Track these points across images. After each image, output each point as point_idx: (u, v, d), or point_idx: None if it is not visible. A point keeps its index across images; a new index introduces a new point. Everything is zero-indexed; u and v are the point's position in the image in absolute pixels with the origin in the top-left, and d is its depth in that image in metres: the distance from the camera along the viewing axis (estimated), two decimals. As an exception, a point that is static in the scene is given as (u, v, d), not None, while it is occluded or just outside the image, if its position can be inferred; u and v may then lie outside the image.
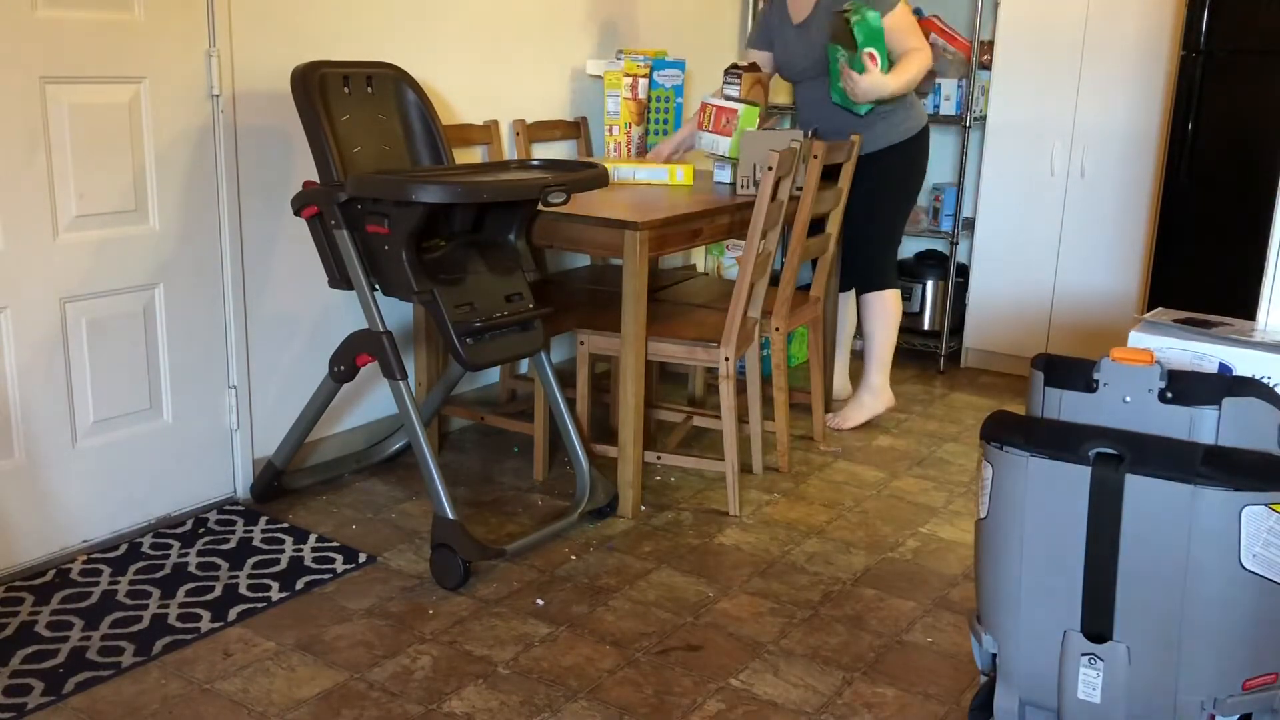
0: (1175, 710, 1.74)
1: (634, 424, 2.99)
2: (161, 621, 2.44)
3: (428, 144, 2.98)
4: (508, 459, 3.44)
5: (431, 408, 3.26)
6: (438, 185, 2.49)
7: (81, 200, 2.62)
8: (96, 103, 2.62)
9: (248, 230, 2.96)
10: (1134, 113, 4.05)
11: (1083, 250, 4.22)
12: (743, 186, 3.32)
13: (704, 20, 4.42)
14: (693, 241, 3.15)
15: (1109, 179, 4.14)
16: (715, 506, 3.14)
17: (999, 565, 1.86)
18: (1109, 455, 1.71)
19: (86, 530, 2.74)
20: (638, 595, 2.63)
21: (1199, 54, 3.69)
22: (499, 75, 3.64)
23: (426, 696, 2.21)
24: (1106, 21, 4.06)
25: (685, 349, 3.07)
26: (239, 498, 3.06)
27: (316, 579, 2.65)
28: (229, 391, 3.00)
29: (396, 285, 2.65)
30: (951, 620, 2.56)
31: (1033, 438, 1.79)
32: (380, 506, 3.07)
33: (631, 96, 3.77)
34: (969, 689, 2.27)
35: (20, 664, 2.26)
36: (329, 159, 2.70)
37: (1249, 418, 1.76)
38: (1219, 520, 1.66)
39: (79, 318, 2.66)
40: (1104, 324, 4.18)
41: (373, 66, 2.92)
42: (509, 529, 2.95)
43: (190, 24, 2.76)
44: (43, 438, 2.63)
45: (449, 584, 2.63)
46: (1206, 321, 2.16)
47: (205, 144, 2.84)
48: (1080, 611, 1.78)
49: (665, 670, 2.33)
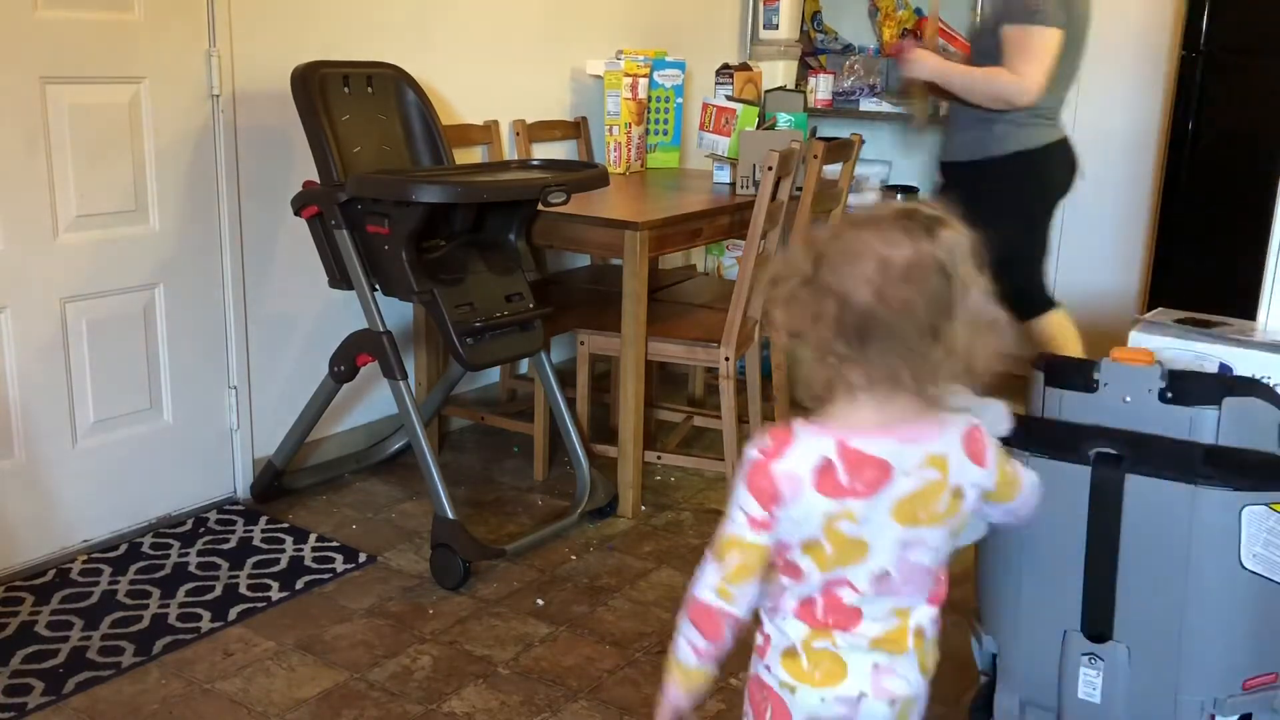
0: (1175, 710, 1.74)
1: (634, 424, 2.99)
2: (161, 621, 2.44)
3: (428, 144, 2.98)
4: (508, 459, 3.44)
5: (431, 408, 3.26)
6: (438, 185, 2.49)
7: (81, 200, 2.62)
8: (96, 103, 2.62)
9: (248, 230, 2.96)
10: (1134, 112, 4.04)
11: (1083, 250, 4.21)
12: (743, 186, 3.32)
13: (704, 20, 4.42)
14: (693, 241, 3.15)
15: (1109, 179, 4.13)
16: (715, 506, 3.13)
17: (999, 565, 1.86)
18: (1109, 455, 1.71)
19: (86, 530, 2.74)
20: (638, 595, 2.63)
21: (1199, 54, 3.69)
22: (499, 75, 3.64)
23: (426, 696, 2.21)
24: (1106, 21, 4.04)
25: (685, 349, 3.07)
26: (239, 498, 3.06)
27: (316, 579, 2.65)
28: (229, 391, 3.00)
29: (396, 285, 2.65)
30: (951, 620, 2.55)
31: (1033, 438, 1.79)
32: (380, 506, 3.06)
33: (631, 96, 3.77)
34: (969, 689, 2.27)
35: (20, 664, 2.26)
36: (329, 159, 2.70)
37: (1249, 418, 1.76)
38: (1219, 520, 1.66)
39: (79, 318, 2.66)
40: (1104, 324, 4.16)
41: (373, 66, 2.92)
42: (509, 529, 2.95)
43: (190, 24, 2.76)
44: (43, 438, 2.63)
45: (449, 584, 2.63)
46: (1206, 321, 2.16)
47: (205, 144, 2.84)
48: (1080, 611, 1.78)
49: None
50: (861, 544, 1.27)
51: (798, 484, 1.25)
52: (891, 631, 1.33)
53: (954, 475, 1.29)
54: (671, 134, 4.01)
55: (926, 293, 1.21)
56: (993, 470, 1.33)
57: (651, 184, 3.65)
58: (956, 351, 1.23)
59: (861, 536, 1.27)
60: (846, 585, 1.29)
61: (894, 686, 1.33)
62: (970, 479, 1.31)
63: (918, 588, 1.33)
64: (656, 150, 3.99)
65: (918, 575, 1.32)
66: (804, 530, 1.27)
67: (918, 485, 1.27)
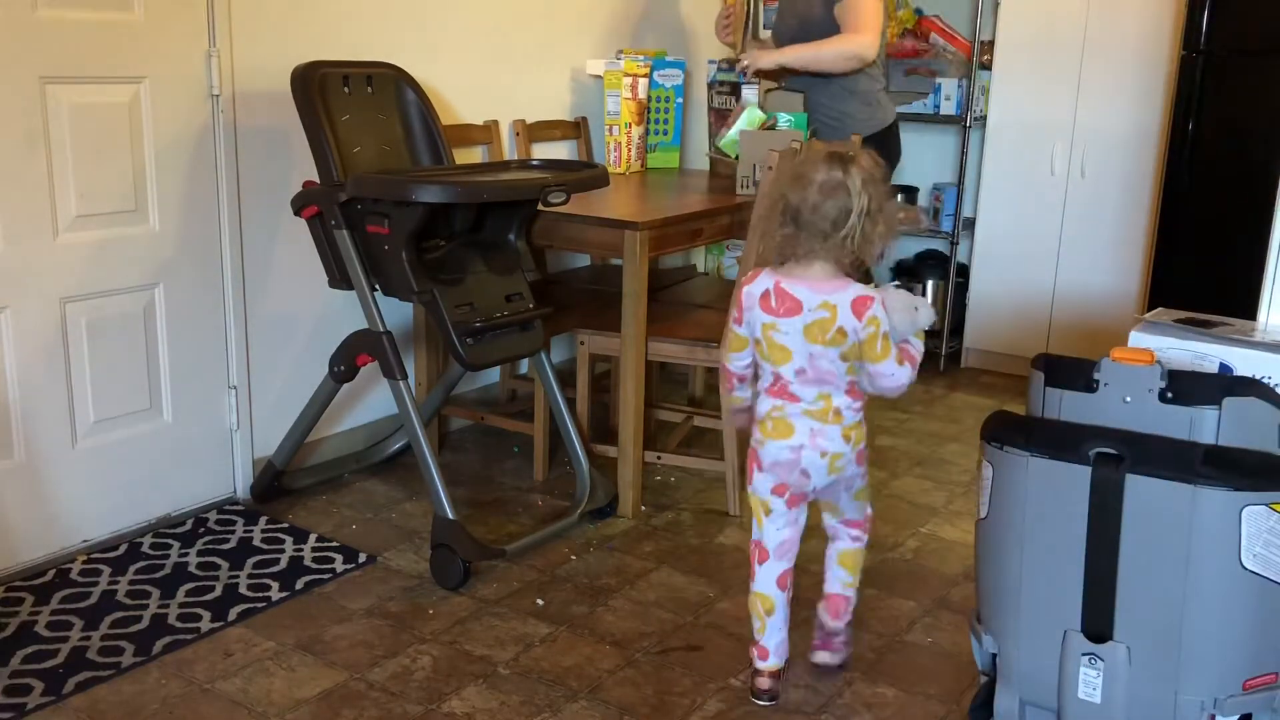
0: (1175, 710, 1.74)
1: (634, 424, 2.99)
2: (161, 621, 2.44)
3: (428, 144, 2.98)
4: (508, 459, 3.44)
5: (431, 408, 3.26)
6: (438, 185, 2.49)
7: (81, 200, 2.62)
8: (96, 103, 2.62)
9: (248, 230, 2.96)
10: (1134, 113, 4.04)
11: (1083, 250, 4.21)
12: (742, 186, 3.32)
13: (704, 20, 4.42)
14: (693, 241, 3.15)
15: (1109, 179, 4.14)
16: (715, 506, 3.14)
17: (999, 565, 1.86)
18: (1109, 455, 1.71)
19: (86, 530, 2.74)
20: (638, 595, 2.63)
21: (1199, 54, 3.69)
22: (499, 75, 3.64)
23: (426, 696, 2.21)
24: (1106, 21, 4.06)
25: (685, 349, 3.07)
26: (239, 498, 3.06)
27: (316, 579, 2.65)
28: (229, 391, 3.00)
29: (396, 285, 2.65)
30: (951, 620, 2.56)
31: (1033, 438, 1.79)
32: (380, 506, 3.06)
33: (631, 96, 3.77)
34: (969, 689, 2.27)
35: (20, 664, 2.26)
36: (329, 159, 2.70)
37: (1249, 418, 1.76)
38: (1219, 520, 1.66)
39: (79, 318, 2.66)
40: (1104, 324, 4.17)
41: (373, 66, 2.92)
42: (509, 529, 2.95)
43: (190, 24, 2.76)
44: (43, 438, 2.63)
45: (449, 584, 2.63)
46: (1206, 321, 2.16)
47: (205, 144, 2.84)
48: (1080, 611, 1.78)
49: (665, 670, 2.33)
50: (786, 349, 2.07)
51: (753, 300, 2.09)
52: (819, 409, 2.09)
53: (840, 318, 2.02)
54: (671, 134, 4.01)
55: (833, 201, 1.98)
56: (864, 326, 2.01)
57: (651, 184, 3.65)
58: (852, 239, 1.99)
59: (785, 344, 2.07)
60: (782, 377, 2.10)
61: (824, 444, 2.10)
62: (849, 325, 2.02)
63: (833, 384, 2.08)
64: (656, 150, 3.99)
65: (827, 375, 2.07)
66: (755, 331, 2.11)
67: (816, 318, 2.03)
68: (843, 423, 2.09)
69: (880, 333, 2.01)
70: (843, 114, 3.61)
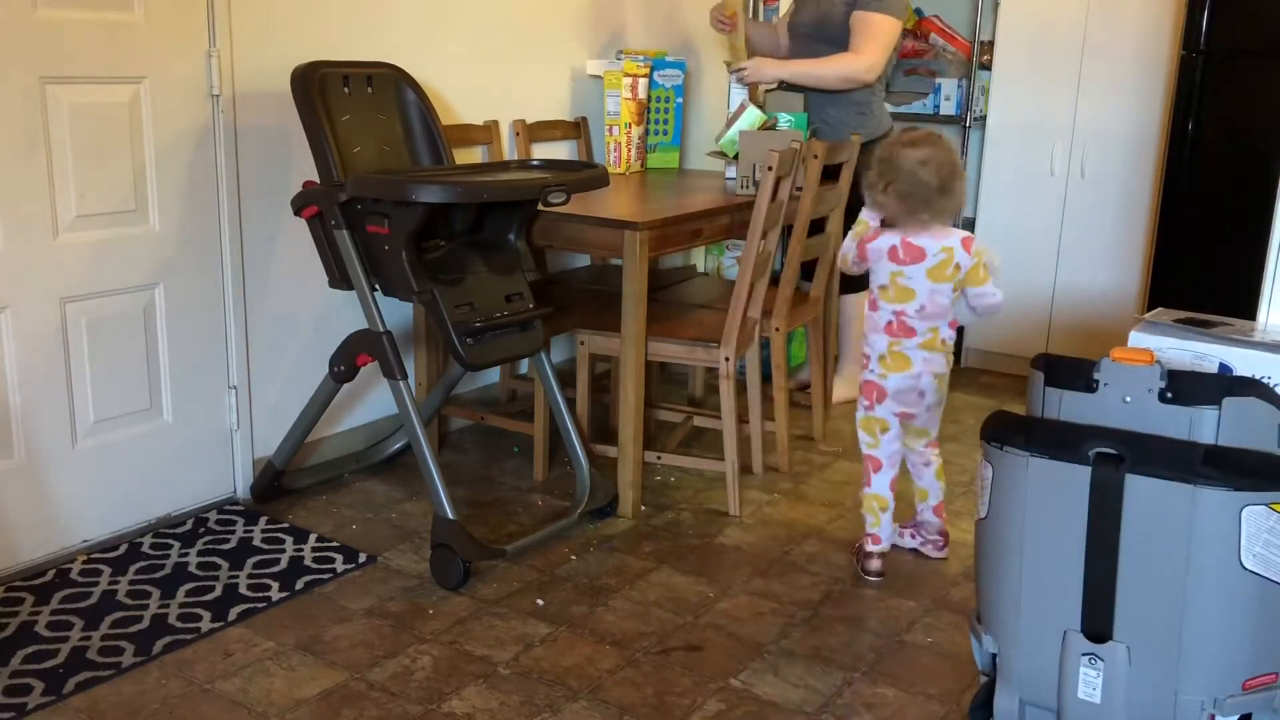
0: (1175, 710, 1.74)
1: (634, 424, 2.99)
2: (161, 621, 2.44)
3: (428, 144, 2.98)
4: (508, 459, 3.44)
5: (431, 408, 3.26)
6: (438, 185, 2.49)
7: (81, 200, 2.62)
8: (96, 103, 2.62)
9: (248, 230, 2.96)
10: (1134, 113, 4.05)
11: (1083, 250, 4.22)
12: (742, 186, 3.32)
13: (704, 20, 4.41)
14: (693, 241, 3.15)
15: (1109, 179, 4.14)
16: (715, 506, 3.14)
17: (999, 565, 1.86)
18: (1109, 455, 1.71)
19: (86, 530, 2.74)
20: (638, 595, 2.63)
21: (1199, 54, 3.69)
22: (499, 75, 3.64)
23: (426, 696, 2.21)
24: (1106, 21, 4.06)
25: (685, 349, 3.07)
26: (239, 498, 3.06)
27: (316, 579, 2.65)
28: (229, 391, 3.00)
29: (396, 285, 2.65)
30: (951, 620, 2.56)
31: (1033, 438, 1.79)
32: (380, 506, 3.07)
33: (631, 96, 3.77)
34: (969, 689, 2.27)
35: (20, 664, 2.26)
36: (329, 159, 2.70)
37: (1249, 418, 1.76)
38: (1219, 520, 1.66)
39: (79, 318, 2.66)
40: (1104, 324, 4.17)
41: (373, 66, 2.92)
42: (509, 529, 2.95)
43: (190, 24, 2.76)
44: (43, 438, 2.63)
45: (449, 584, 2.63)
46: (1206, 321, 2.16)
47: (205, 144, 2.84)
48: (1080, 611, 1.78)
49: (665, 670, 2.33)
50: (911, 290, 2.58)
51: (880, 253, 2.59)
52: (928, 340, 2.61)
53: (956, 256, 2.55)
54: (671, 134, 4.01)
55: (937, 172, 2.49)
56: (972, 258, 2.55)
57: (651, 184, 3.65)
58: (952, 201, 2.52)
59: (910, 286, 2.57)
60: (905, 314, 2.59)
61: (935, 368, 2.64)
62: (964, 261, 2.55)
63: (941, 318, 2.60)
64: (656, 150, 4.00)
65: (940, 309, 2.59)
66: (880, 279, 2.61)
67: (938, 260, 2.55)
68: (946, 350, 2.64)
69: (982, 262, 2.56)
70: (837, 120, 3.64)
